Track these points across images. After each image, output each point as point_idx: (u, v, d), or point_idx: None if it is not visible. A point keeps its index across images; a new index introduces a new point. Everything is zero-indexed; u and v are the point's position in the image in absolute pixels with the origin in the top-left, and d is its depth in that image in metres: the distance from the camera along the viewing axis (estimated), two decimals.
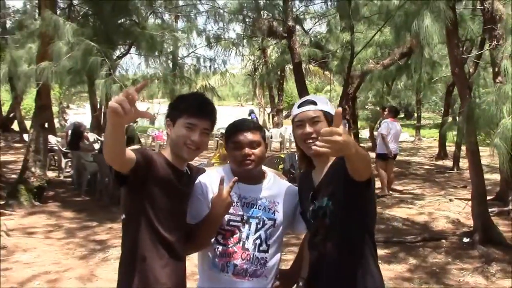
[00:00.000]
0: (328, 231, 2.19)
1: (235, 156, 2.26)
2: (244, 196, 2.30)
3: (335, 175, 2.16)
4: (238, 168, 2.28)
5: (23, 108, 25.43)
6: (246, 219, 2.28)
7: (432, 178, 12.48)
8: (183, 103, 2.22)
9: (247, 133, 2.26)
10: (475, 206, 6.57)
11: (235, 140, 2.26)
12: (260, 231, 2.28)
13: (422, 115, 28.90)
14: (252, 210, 2.30)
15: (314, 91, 39.27)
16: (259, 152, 2.27)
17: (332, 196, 2.17)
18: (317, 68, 22.00)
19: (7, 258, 5.83)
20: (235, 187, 2.26)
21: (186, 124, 2.15)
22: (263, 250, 2.28)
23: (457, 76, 6.57)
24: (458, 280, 5.33)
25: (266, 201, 2.32)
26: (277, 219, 2.31)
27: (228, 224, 2.26)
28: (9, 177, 10.79)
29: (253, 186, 2.33)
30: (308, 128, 2.21)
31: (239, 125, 2.31)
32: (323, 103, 2.26)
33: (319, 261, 2.23)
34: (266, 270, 2.29)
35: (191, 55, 14.19)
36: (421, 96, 23.16)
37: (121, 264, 2.21)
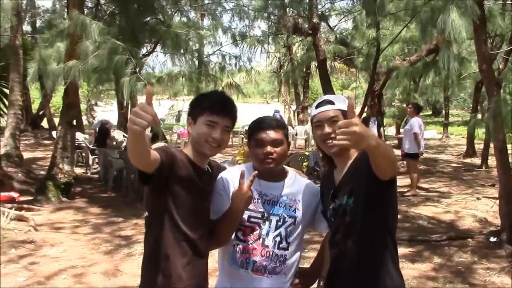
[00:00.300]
0: (348, 228, 2.18)
1: (257, 154, 2.26)
2: (265, 193, 2.30)
3: (356, 173, 2.16)
4: (259, 166, 2.28)
5: (53, 105, 25.95)
6: (267, 216, 2.28)
7: (459, 176, 12.28)
8: (204, 101, 2.24)
9: (269, 131, 2.25)
10: (503, 205, 6.44)
11: (258, 138, 2.26)
12: (280, 229, 2.28)
13: (451, 112, 28.46)
14: (273, 207, 2.30)
15: (340, 88, 39.06)
16: (281, 151, 2.27)
17: (352, 193, 2.16)
18: (343, 65, 21.86)
19: (34, 252, 5.97)
20: (256, 184, 2.27)
21: (208, 122, 2.16)
22: (283, 247, 2.28)
23: (484, 73, 6.45)
24: (484, 280, 5.24)
25: (287, 199, 2.32)
26: (297, 217, 2.31)
27: (248, 221, 2.27)
28: (38, 173, 11.03)
29: (275, 183, 2.33)
30: (327, 129, 2.19)
31: (262, 123, 2.30)
32: (341, 102, 2.23)
33: (338, 259, 2.23)
34: (286, 268, 2.29)
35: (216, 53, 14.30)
36: (449, 93, 22.77)
37: (144, 261, 2.24)
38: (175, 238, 2.15)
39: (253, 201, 2.25)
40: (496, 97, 6.02)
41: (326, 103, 2.23)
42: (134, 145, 1.87)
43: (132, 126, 1.74)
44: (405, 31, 11.33)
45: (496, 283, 5.16)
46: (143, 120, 1.72)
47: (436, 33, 9.00)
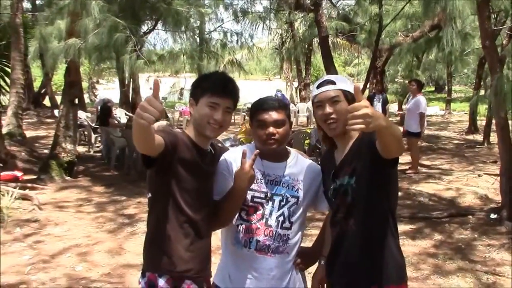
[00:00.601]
0: (349, 208, 2.21)
1: (260, 135, 2.27)
2: (268, 174, 2.32)
3: (357, 153, 2.17)
4: (262, 147, 2.30)
5: (54, 83, 25.90)
6: (270, 196, 2.31)
7: (461, 153, 12.28)
8: (205, 82, 2.24)
9: (272, 112, 2.25)
10: (504, 182, 6.46)
11: (260, 119, 2.26)
12: (283, 208, 2.31)
13: (453, 88, 28.33)
14: (276, 187, 2.32)
15: (342, 64, 38.83)
16: (284, 131, 2.27)
17: (354, 173, 2.18)
18: (345, 41, 21.68)
19: (39, 231, 6.04)
20: (259, 164, 2.30)
21: (209, 103, 2.17)
22: (286, 227, 2.31)
23: (487, 49, 6.39)
24: (483, 256, 5.30)
25: (290, 179, 2.34)
26: (300, 197, 2.34)
27: (252, 201, 2.30)
28: (41, 152, 11.07)
29: (277, 164, 2.35)
30: (328, 109, 2.18)
31: (264, 104, 2.29)
32: (342, 82, 2.23)
33: (339, 238, 2.26)
34: (288, 247, 2.33)
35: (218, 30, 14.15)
36: (452, 69, 22.63)
37: (147, 242, 2.28)
38: (178, 220, 2.18)
39: (256, 181, 2.28)
40: (499, 74, 5.99)
41: (327, 83, 2.22)
42: (140, 136, 1.89)
43: (139, 120, 1.76)
44: (408, 7, 11.24)
45: (496, 260, 5.21)
46: (150, 114, 1.74)
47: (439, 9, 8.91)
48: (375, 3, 11.49)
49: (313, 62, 28.57)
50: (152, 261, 2.22)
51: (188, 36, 11.87)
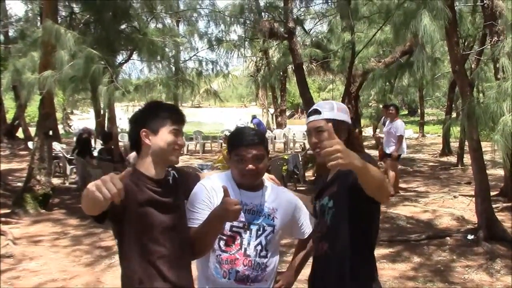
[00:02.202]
0: (327, 231, 2.29)
1: (239, 169, 2.29)
2: (246, 203, 2.32)
3: (338, 179, 2.27)
4: (241, 180, 2.32)
5: (27, 115, 25.56)
6: (247, 225, 2.32)
7: (436, 175, 12.48)
8: (162, 112, 2.25)
9: (251, 148, 2.27)
10: (479, 202, 6.57)
11: (240, 154, 2.28)
12: (260, 237, 2.33)
13: (426, 111, 28.88)
14: (254, 216, 2.33)
15: (317, 90, 39.30)
16: (263, 165, 2.31)
17: (332, 197, 2.27)
18: (320, 68, 22.00)
19: (14, 267, 5.89)
20: (237, 194, 2.31)
21: (173, 131, 2.22)
22: (263, 255, 2.33)
23: (457, 73, 6.58)
24: (463, 278, 5.34)
25: (266, 208, 2.36)
26: (276, 225, 2.36)
27: (230, 230, 2.30)
28: (14, 185, 10.87)
29: (254, 193, 2.36)
30: (313, 138, 2.33)
31: (243, 139, 2.29)
32: (328, 110, 2.33)
33: (317, 259, 2.38)
34: (267, 275, 2.35)
35: (193, 59, 14.25)
36: (424, 93, 23.13)
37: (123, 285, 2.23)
38: (148, 261, 2.14)
39: None
40: (469, 98, 6.15)
41: (313, 113, 2.35)
42: (91, 207, 1.84)
43: (94, 193, 1.70)
44: (379, 34, 11.50)
45: (475, 280, 5.26)
46: (108, 192, 1.69)
47: (409, 34, 9.12)
48: (347, 31, 11.73)
49: (288, 89, 28.86)
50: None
51: (164, 65, 11.93)
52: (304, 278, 2.52)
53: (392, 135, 9.67)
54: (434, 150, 17.81)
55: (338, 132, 2.22)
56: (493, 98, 5.48)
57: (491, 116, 5.60)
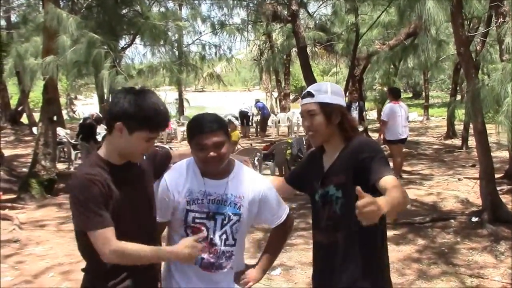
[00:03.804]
0: (338, 221, 2.25)
1: (200, 157, 2.22)
2: (209, 193, 2.27)
3: (345, 167, 2.22)
4: (203, 167, 2.26)
5: (31, 101, 25.60)
6: (212, 215, 2.26)
7: (440, 157, 12.45)
8: (140, 112, 2.03)
9: (210, 136, 2.18)
10: (484, 185, 6.56)
11: (199, 143, 2.20)
12: (225, 227, 2.28)
13: (430, 94, 28.70)
14: (218, 206, 2.27)
15: (321, 73, 39.12)
16: (224, 151, 2.21)
17: (341, 187, 2.23)
18: (323, 51, 21.89)
19: (20, 251, 5.94)
20: (201, 184, 2.26)
21: (147, 139, 2.07)
22: (229, 244, 2.29)
23: (462, 56, 6.51)
24: (467, 260, 5.36)
25: (232, 196, 2.28)
26: (242, 214, 2.29)
27: (193, 222, 2.26)
28: (20, 170, 10.91)
29: (219, 181, 2.29)
30: (306, 121, 2.30)
31: (202, 126, 2.21)
32: (322, 93, 2.28)
33: (328, 248, 2.31)
34: (232, 262, 2.32)
35: (196, 43, 14.22)
36: (428, 76, 22.99)
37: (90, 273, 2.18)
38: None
39: (197, 202, 2.25)
40: (475, 80, 6.10)
41: (307, 95, 2.30)
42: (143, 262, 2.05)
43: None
44: (383, 16, 11.39)
45: (479, 262, 5.27)
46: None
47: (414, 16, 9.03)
48: (351, 13, 11.65)
49: (292, 72, 28.74)
50: None
51: (167, 50, 11.90)
52: (309, 261, 2.51)
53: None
54: (439, 133, 17.75)
55: (331, 115, 2.25)
56: (498, 80, 5.44)
57: (496, 98, 5.57)
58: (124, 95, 2.06)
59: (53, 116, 8.98)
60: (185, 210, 2.25)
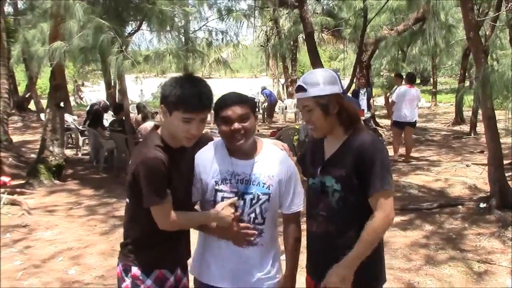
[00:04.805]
0: (333, 214, 2.25)
1: (225, 132, 2.22)
2: (237, 173, 2.27)
3: (346, 161, 2.21)
4: (229, 144, 2.26)
5: (39, 87, 25.64)
6: (240, 194, 2.27)
7: (448, 144, 12.40)
8: (177, 93, 2.10)
9: (235, 107, 2.20)
10: (492, 171, 6.53)
11: (224, 115, 2.20)
12: (254, 206, 2.28)
13: (438, 80, 28.48)
14: (246, 186, 2.27)
15: (328, 59, 38.89)
16: (249, 125, 2.22)
17: (341, 181, 2.22)
18: (330, 37, 21.71)
19: (29, 236, 5.98)
20: (228, 163, 2.28)
21: (184, 119, 2.11)
22: (258, 222, 2.30)
23: (472, 40, 6.44)
24: (474, 245, 5.35)
25: (261, 176, 2.28)
26: (271, 193, 2.29)
27: (222, 201, 2.27)
28: (28, 156, 10.97)
29: (246, 161, 2.29)
30: (304, 116, 2.29)
31: (227, 100, 2.24)
32: (314, 85, 2.20)
33: (316, 236, 2.34)
34: (263, 240, 2.32)
35: (202, 29, 14.13)
36: (437, 61, 22.79)
37: (137, 246, 2.28)
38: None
39: (225, 182, 2.27)
40: (484, 65, 6.04)
41: (299, 89, 2.25)
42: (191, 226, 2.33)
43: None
44: (392, 1, 11.29)
45: (486, 248, 5.27)
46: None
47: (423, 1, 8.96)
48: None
49: (299, 58, 28.57)
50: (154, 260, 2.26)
51: (173, 36, 11.83)
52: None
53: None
54: (447, 119, 17.64)
55: (328, 107, 2.20)
56: (508, 65, 5.39)
57: (505, 84, 5.52)
58: (170, 81, 2.18)
59: (61, 102, 8.99)
60: (214, 190, 2.29)
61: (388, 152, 2.31)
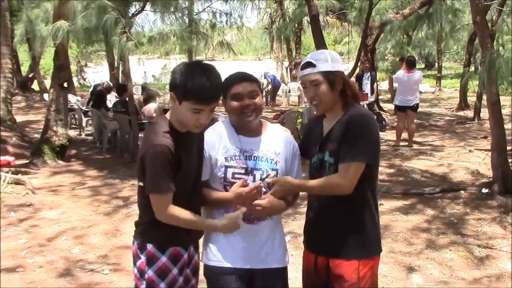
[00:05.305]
0: None
1: (235, 108, 2.29)
2: (245, 149, 2.35)
3: (337, 137, 2.31)
4: (239, 120, 2.33)
5: (42, 68, 25.61)
6: (250, 170, 2.34)
7: (452, 129, 12.37)
8: (189, 84, 2.09)
9: (245, 84, 2.30)
10: (495, 156, 6.52)
11: (235, 92, 2.28)
12: (264, 181, 2.36)
13: (443, 65, 28.29)
14: (255, 162, 2.35)
15: (332, 43, 38.68)
16: (259, 101, 2.33)
17: (333, 154, 2.33)
18: (335, 20, 21.57)
19: (33, 215, 6.03)
20: (236, 141, 2.34)
21: (194, 110, 2.11)
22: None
23: (478, 25, 6.39)
24: (475, 230, 5.37)
25: (268, 152, 2.37)
26: (279, 169, 2.38)
27: (233, 177, 2.33)
28: (32, 136, 11.01)
29: (254, 138, 2.38)
30: (310, 92, 2.34)
31: (236, 77, 2.34)
32: (323, 62, 2.32)
33: (316, 208, 2.45)
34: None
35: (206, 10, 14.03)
36: (442, 46, 22.62)
37: (152, 225, 2.29)
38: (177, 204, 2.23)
39: (235, 158, 2.33)
40: (490, 49, 5.99)
41: (307, 66, 2.34)
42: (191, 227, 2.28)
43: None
44: None
45: (487, 233, 5.29)
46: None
47: None
48: None
49: (303, 41, 28.38)
50: (169, 236, 2.29)
51: (177, 17, 11.76)
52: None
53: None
54: (451, 104, 17.56)
55: (334, 83, 2.31)
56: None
57: (511, 70, 5.48)
58: (181, 67, 2.17)
59: (64, 82, 8.99)
60: (224, 167, 2.33)
61: (377, 129, 2.38)
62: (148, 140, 2.19)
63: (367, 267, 2.34)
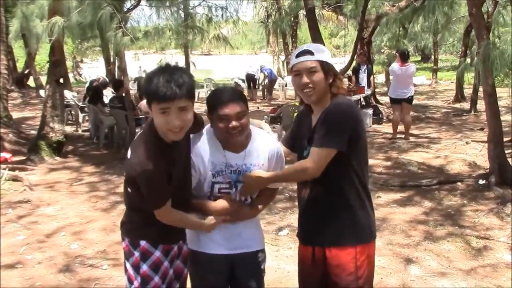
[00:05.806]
0: (317, 179, 2.38)
1: (222, 129, 2.30)
2: (231, 164, 2.40)
3: (320, 126, 2.34)
4: (225, 139, 2.35)
5: (37, 64, 25.49)
6: (233, 183, 2.43)
7: (448, 121, 12.39)
8: (150, 85, 2.05)
9: (232, 105, 2.27)
10: (492, 148, 6.54)
11: (221, 114, 2.26)
12: None
13: (440, 57, 28.31)
14: (238, 175, 2.43)
15: (328, 37, 38.61)
16: (245, 121, 2.32)
17: None
18: (331, 13, 21.52)
19: (32, 212, 6.03)
20: (222, 156, 2.39)
21: (160, 111, 2.05)
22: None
23: (474, 17, 6.39)
24: (473, 221, 5.39)
25: (251, 166, 2.43)
26: None
27: (219, 192, 2.43)
28: (28, 133, 10.98)
29: (238, 154, 2.41)
30: (305, 79, 2.34)
31: (223, 97, 2.30)
32: (320, 52, 2.37)
33: (308, 200, 2.48)
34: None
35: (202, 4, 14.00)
36: (438, 38, 22.60)
37: (143, 223, 2.35)
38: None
39: (222, 173, 2.39)
40: (485, 41, 6.00)
41: (305, 53, 2.36)
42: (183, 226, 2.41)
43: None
44: None
45: (485, 224, 5.31)
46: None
47: None
48: None
49: (299, 35, 28.31)
50: (159, 235, 2.34)
51: (173, 11, 11.73)
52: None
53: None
54: (447, 96, 17.59)
55: (328, 73, 2.35)
56: (509, 42, 5.35)
57: (506, 61, 5.49)
58: (147, 74, 2.21)
59: (60, 78, 8.95)
60: (211, 183, 2.40)
61: (356, 117, 2.38)
62: (137, 159, 2.13)
63: (364, 255, 2.37)
